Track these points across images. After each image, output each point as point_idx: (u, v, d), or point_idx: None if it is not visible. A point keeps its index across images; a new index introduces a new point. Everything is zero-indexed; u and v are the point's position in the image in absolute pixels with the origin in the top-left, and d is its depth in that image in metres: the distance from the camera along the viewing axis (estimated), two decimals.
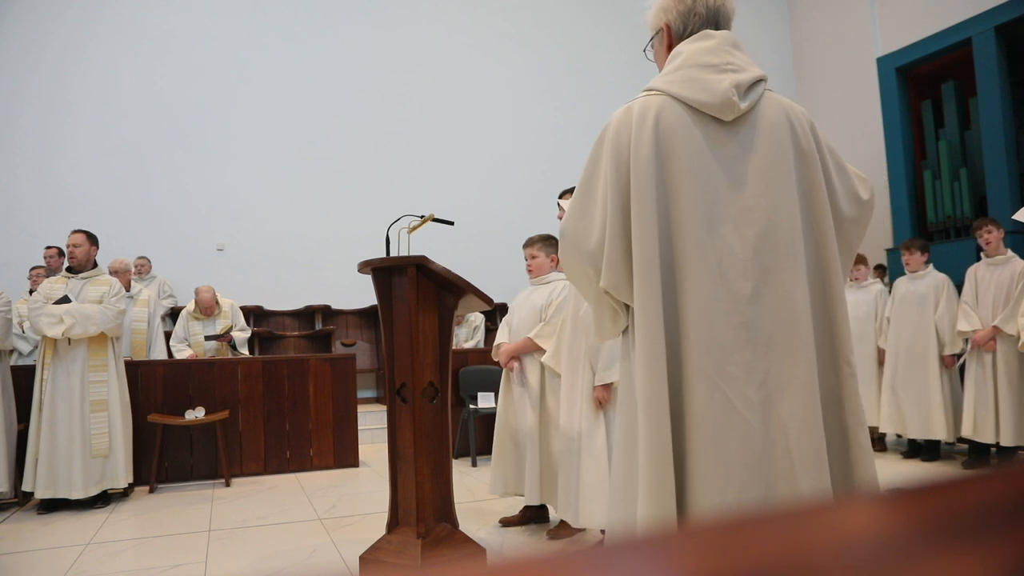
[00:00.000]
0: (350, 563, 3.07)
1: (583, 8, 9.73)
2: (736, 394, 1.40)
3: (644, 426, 1.41)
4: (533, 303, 3.68)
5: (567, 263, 1.63)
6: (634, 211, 1.45)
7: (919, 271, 5.18)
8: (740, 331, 1.42)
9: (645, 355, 1.42)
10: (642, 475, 1.41)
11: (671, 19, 1.63)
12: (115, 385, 4.41)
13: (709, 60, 1.52)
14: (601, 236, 1.50)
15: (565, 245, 1.60)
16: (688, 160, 1.46)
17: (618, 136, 1.51)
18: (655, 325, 1.42)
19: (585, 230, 1.54)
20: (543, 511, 3.69)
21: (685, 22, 1.61)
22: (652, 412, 1.40)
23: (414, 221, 3.44)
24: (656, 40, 1.68)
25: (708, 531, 0.28)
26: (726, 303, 1.43)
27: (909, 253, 5.22)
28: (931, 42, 8.75)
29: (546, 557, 0.27)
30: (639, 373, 1.44)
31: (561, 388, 3.24)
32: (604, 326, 1.62)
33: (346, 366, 5.60)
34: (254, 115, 8.24)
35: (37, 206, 7.36)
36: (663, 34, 1.65)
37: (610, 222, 1.48)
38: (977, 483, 0.31)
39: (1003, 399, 4.53)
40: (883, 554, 0.26)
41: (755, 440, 1.41)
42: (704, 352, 1.41)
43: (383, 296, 2.98)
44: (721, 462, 1.39)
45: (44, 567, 3.19)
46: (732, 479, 1.39)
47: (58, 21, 7.63)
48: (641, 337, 1.44)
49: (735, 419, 1.40)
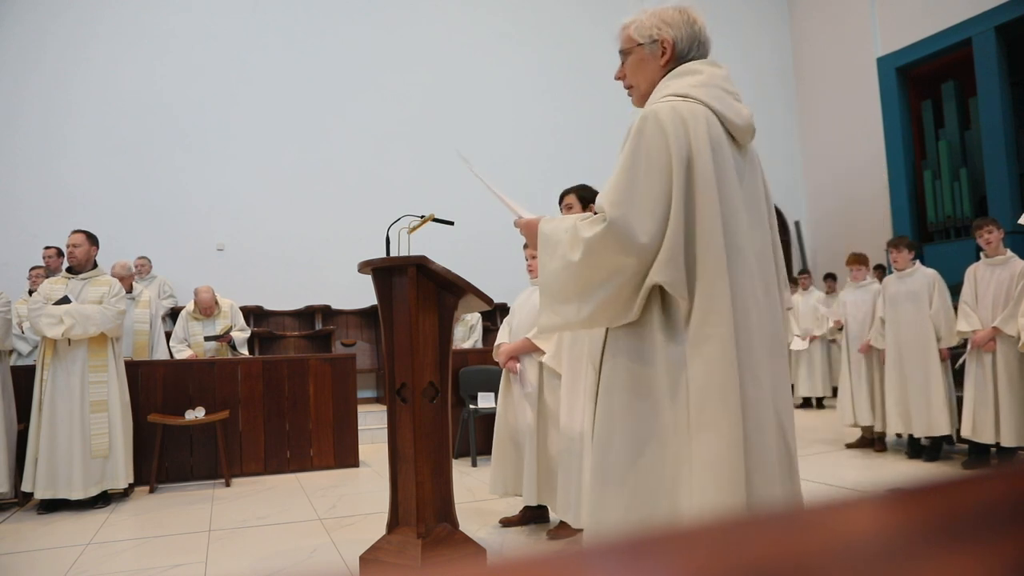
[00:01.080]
0: (350, 563, 3.07)
1: (583, 8, 9.74)
2: (766, 391, 1.53)
3: (722, 416, 1.46)
4: (533, 303, 3.68)
5: (599, 251, 1.51)
6: (701, 211, 1.51)
7: (907, 269, 5.20)
8: (762, 332, 1.56)
9: (719, 346, 1.48)
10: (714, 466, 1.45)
11: (678, 37, 1.67)
12: (115, 385, 4.41)
13: (727, 87, 1.64)
14: (657, 231, 1.49)
15: (612, 235, 1.49)
16: (728, 171, 1.57)
17: (677, 134, 1.52)
18: (728, 318, 1.49)
19: (638, 223, 1.49)
20: (543, 511, 3.69)
21: (689, 45, 1.69)
22: (729, 401, 1.46)
23: (414, 221, 3.44)
24: (647, 49, 1.70)
25: (708, 531, 0.28)
26: (754, 305, 1.55)
27: (897, 251, 5.25)
28: (931, 42, 8.75)
29: (546, 557, 0.27)
30: (708, 364, 1.48)
31: (561, 388, 3.24)
32: (609, 316, 1.57)
33: (346, 366, 5.61)
34: (254, 115, 8.25)
35: (37, 206, 7.36)
36: (661, 47, 1.68)
37: (674, 219, 1.49)
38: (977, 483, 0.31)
39: (1003, 399, 4.53)
40: (883, 554, 0.26)
41: (777, 436, 1.55)
42: (745, 349, 1.51)
43: (383, 296, 2.98)
44: (765, 457, 1.50)
45: (44, 567, 3.19)
46: (773, 473, 1.51)
47: (58, 21, 7.64)
48: (714, 329, 1.49)
49: (768, 414, 1.53)
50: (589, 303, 1.57)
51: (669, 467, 1.49)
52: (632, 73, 1.74)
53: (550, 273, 1.62)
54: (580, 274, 1.55)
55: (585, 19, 9.69)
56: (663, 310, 1.55)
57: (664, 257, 1.48)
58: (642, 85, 1.73)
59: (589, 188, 3.25)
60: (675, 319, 1.54)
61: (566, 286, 1.59)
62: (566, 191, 3.30)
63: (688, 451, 1.47)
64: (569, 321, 1.61)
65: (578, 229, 1.56)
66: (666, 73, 1.69)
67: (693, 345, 1.49)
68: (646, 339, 1.56)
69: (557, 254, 1.60)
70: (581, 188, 3.26)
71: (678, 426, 1.49)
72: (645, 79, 1.72)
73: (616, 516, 1.53)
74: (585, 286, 1.56)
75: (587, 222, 1.56)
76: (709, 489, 1.44)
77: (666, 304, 1.55)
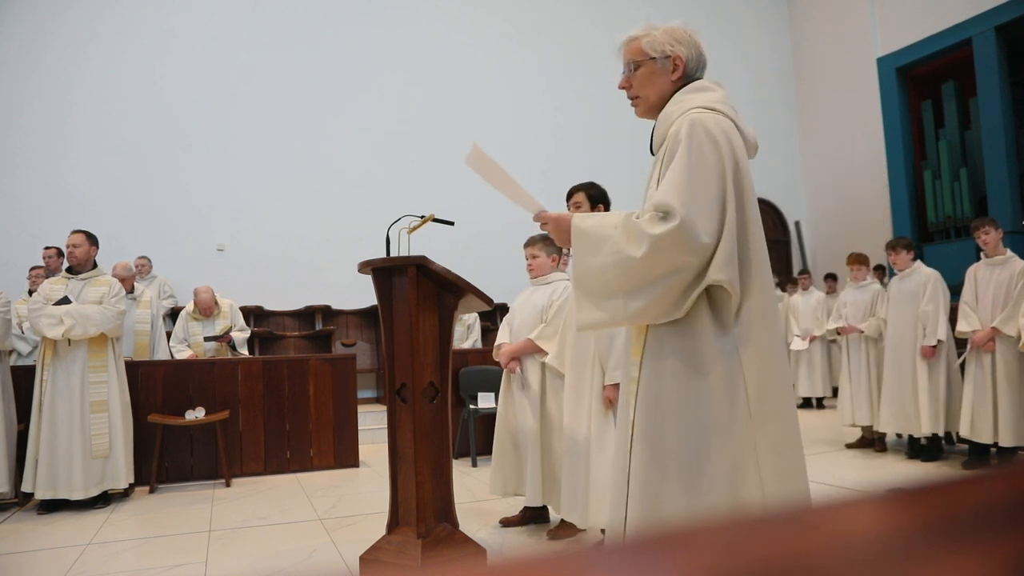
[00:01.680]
0: (350, 563, 3.07)
1: (583, 8, 9.74)
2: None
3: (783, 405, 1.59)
4: (534, 304, 3.68)
5: (666, 248, 1.54)
6: (747, 214, 1.63)
7: (907, 269, 5.21)
8: None
9: (774, 338, 1.62)
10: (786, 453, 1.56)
11: (689, 56, 1.77)
12: (115, 385, 4.40)
13: (732, 107, 1.74)
14: (716, 231, 1.57)
15: (681, 233, 1.53)
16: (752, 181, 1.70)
17: (725, 142, 1.62)
18: (777, 312, 1.64)
19: (701, 223, 1.55)
20: (543, 511, 3.68)
21: (697, 64, 1.80)
22: (787, 391, 1.61)
23: (414, 221, 3.44)
24: (659, 64, 1.77)
25: (708, 531, 0.28)
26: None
27: (895, 253, 5.26)
28: (931, 42, 8.75)
29: (546, 557, 0.27)
30: (765, 356, 1.59)
31: (565, 388, 3.22)
32: (657, 313, 1.60)
33: (346, 366, 5.61)
34: (254, 115, 8.25)
35: (37, 206, 7.36)
36: (673, 63, 1.77)
37: (730, 221, 1.58)
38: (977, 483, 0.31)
39: (1002, 399, 4.53)
40: (883, 554, 0.26)
41: None
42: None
43: (383, 296, 2.98)
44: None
45: (44, 567, 3.19)
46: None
47: (58, 21, 7.64)
48: (768, 322, 1.62)
49: None
50: (639, 299, 1.59)
51: (728, 457, 1.55)
52: (641, 85, 1.80)
53: (593, 269, 1.64)
54: (637, 270, 1.58)
55: (585, 19, 9.69)
56: (711, 306, 1.61)
57: (723, 257, 1.55)
58: (651, 97, 1.80)
59: (597, 186, 3.25)
60: (724, 315, 1.60)
61: (613, 282, 1.61)
62: (575, 188, 3.27)
63: (751, 440, 1.54)
64: (615, 317, 1.63)
65: (639, 226, 1.58)
66: (676, 88, 1.77)
67: (748, 339, 1.58)
68: (696, 335, 1.60)
69: (604, 250, 1.62)
70: (590, 186, 3.25)
71: (736, 417, 1.55)
72: (655, 92, 1.79)
73: (676, 507, 1.57)
74: (639, 282, 1.59)
75: (649, 219, 1.58)
76: (782, 475, 1.54)
77: (713, 300, 1.61)
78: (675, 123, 1.70)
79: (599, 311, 1.65)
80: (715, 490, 1.53)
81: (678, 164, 1.61)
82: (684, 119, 1.65)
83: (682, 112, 1.70)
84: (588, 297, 1.66)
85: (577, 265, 1.68)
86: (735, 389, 1.56)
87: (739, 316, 1.59)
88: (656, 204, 1.59)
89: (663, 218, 1.56)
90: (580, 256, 1.67)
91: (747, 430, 1.54)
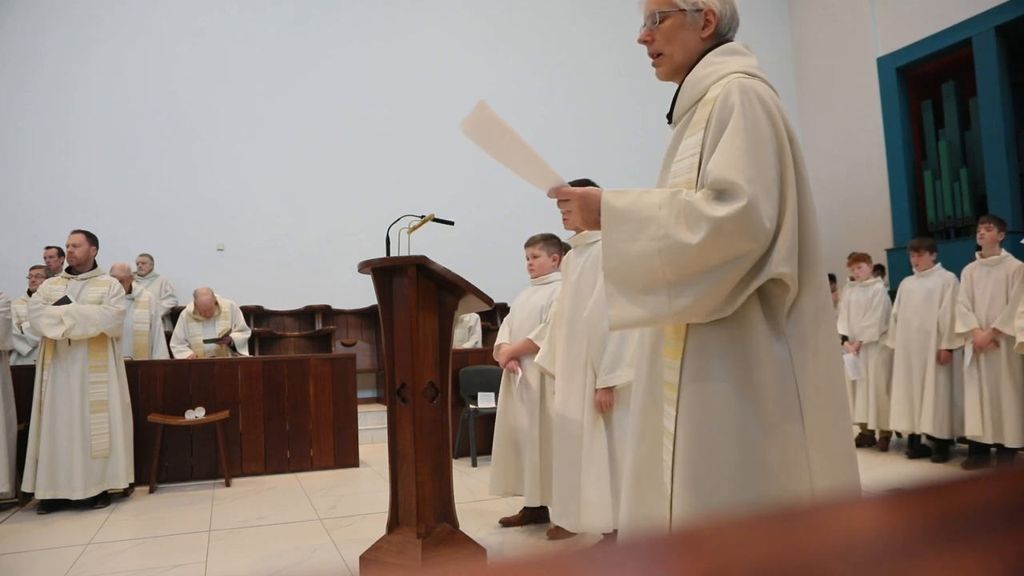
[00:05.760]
0: (350, 563, 3.08)
1: (582, 8, 9.74)
2: None
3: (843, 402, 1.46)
4: (534, 304, 3.68)
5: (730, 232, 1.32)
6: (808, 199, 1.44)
7: (927, 270, 5.21)
8: None
9: (832, 334, 1.45)
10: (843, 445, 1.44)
11: (723, 12, 1.55)
12: (115, 385, 4.41)
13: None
14: (775, 216, 1.35)
15: (748, 216, 1.31)
16: None
17: (782, 114, 1.43)
18: (832, 312, 1.47)
19: (765, 206, 1.33)
20: (543, 511, 3.68)
21: (730, 22, 1.58)
22: (843, 385, 1.46)
23: (414, 221, 3.44)
24: (688, 17, 1.53)
25: (708, 531, 0.28)
26: None
27: (918, 255, 5.24)
28: (931, 42, 8.75)
29: (546, 557, 0.27)
30: (824, 354, 1.42)
31: (556, 392, 3.15)
32: (707, 310, 1.38)
33: (346, 366, 5.61)
34: (254, 115, 8.25)
35: (38, 206, 7.36)
36: (704, 17, 1.54)
37: (791, 205, 1.38)
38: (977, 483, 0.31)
39: (1005, 400, 4.53)
40: (883, 554, 0.26)
41: None
42: None
43: (383, 296, 2.98)
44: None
45: (44, 567, 3.19)
46: None
47: (60, 22, 7.64)
48: (827, 316, 1.45)
49: None
50: (687, 294, 1.35)
51: (777, 453, 1.38)
52: (666, 40, 1.55)
53: (630, 257, 1.39)
54: (690, 259, 1.34)
55: (584, 20, 9.69)
56: (762, 303, 1.40)
57: (786, 247, 1.35)
58: (677, 55, 1.55)
59: (592, 183, 3.23)
60: (777, 312, 1.40)
61: (656, 272, 1.37)
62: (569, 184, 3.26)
63: (801, 435, 1.38)
64: (657, 314, 1.39)
65: (694, 206, 1.34)
66: (706, 48, 1.55)
67: (803, 339, 1.41)
68: (747, 334, 1.39)
69: (646, 234, 1.37)
70: (584, 183, 3.23)
71: (788, 413, 1.38)
72: (683, 49, 1.55)
73: (723, 500, 1.42)
74: (691, 273, 1.35)
75: (706, 198, 1.35)
76: (838, 467, 1.41)
77: (764, 296, 1.41)
78: (711, 89, 1.47)
79: (636, 307, 1.40)
80: (762, 485, 1.39)
81: (734, 135, 1.37)
82: (732, 84, 1.42)
83: (719, 76, 1.48)
84: (622, 290, 1.41)
85: (609, 252, 1.42)
86: (785, 385, 1.38)
87: (792, 314, 1.40)
88: (715, 179, 1.35)
89: (724, 197, 1.33)
90: (614, 241, 1.41)
91: (796, 427, 1.39)
